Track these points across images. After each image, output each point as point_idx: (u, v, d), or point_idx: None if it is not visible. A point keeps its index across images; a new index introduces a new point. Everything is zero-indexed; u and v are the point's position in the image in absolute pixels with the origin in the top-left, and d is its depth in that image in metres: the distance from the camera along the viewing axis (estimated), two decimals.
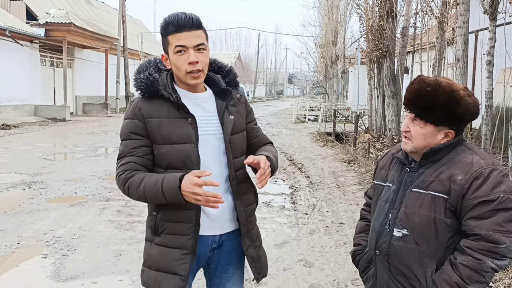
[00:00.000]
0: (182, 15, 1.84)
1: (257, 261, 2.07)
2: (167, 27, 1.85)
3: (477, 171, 1.68)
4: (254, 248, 2.06)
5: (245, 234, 2.02)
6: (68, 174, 8.28)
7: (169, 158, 1.88)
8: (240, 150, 2.01)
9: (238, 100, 2.01)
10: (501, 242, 1.62)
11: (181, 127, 1.87)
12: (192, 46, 1.83)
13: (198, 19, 1.87)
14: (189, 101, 1.92)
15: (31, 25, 20.56)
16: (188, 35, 1.83)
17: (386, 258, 1.84)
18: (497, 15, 6.82)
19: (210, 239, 1.98)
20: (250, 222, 2.05)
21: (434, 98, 1.72)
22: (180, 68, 1.86)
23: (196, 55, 1.84)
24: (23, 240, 4.82)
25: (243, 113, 2.06)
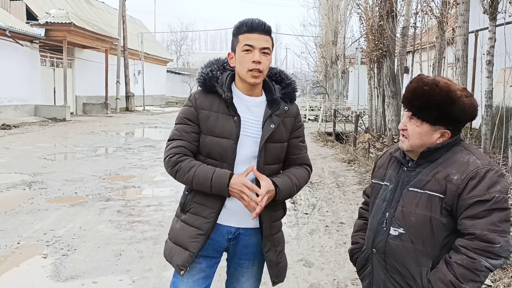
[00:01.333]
0: (256, 20, 2.02)
1: (276, 266, 2.16)
2: (240, 27, 2.03)
3: (473, 171, 1.69)
4: (274, 253, 2.15)
5: (267, 238, 2.11)
6: (68, 174, 8.28)
7: (209, 148, 2.05)
8: (274, 159, 2.11)
9: (284, 112, 2.09)
10: (495, 241, 1.63)
11: (226, 123, 2.03)
12: (259, 47, 1.99)
13: (269, 27, 2.04)
14: (240, 102, 2.08)
15: (31, 25, 20.56)
16: (258, 37, 2.00)
17: (382, 257, 1.86)
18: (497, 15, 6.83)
19: (225, 228, 2.10)
20: (273, 227, 2.14)
21: (431, 97, 1.73)
22: (244, 65, 2.01)
23: (260, 56, 1.99)
24: (23, 240, 4.83)
25: (289, 126, 2.14)
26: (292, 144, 2.17)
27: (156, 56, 37.55)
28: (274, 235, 2.14)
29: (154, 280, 3.91)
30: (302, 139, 2.23)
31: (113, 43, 26.06)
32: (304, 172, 2.19)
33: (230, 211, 2.07)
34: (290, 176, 2.12)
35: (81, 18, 23.98)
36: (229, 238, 2.11)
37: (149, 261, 4.26)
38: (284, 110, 2.09)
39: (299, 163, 2.21)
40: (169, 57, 44.25)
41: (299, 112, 2.22)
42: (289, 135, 2.15)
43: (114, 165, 9.37)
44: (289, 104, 2.13)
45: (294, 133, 2.17)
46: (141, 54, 31.13)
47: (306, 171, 2.22)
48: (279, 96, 2.11)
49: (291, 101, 2.15)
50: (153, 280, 3.91)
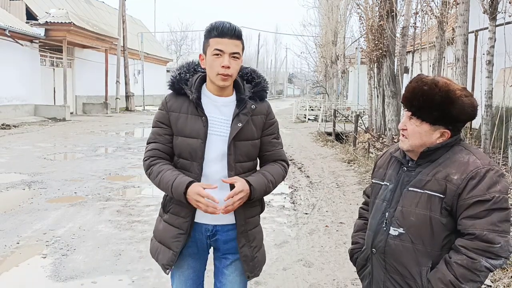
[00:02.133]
0: (227, 24, 2.06)
1: (251, 260, 2.21)
2: (211, 31, 2.07)
3: (473, 171, 1.69)
4: (249, 248, 2.20)
5: (241, 234, 2.17)
6: (68, 174, 8.28)
7: (180, 148, 2.13)
8: (246, 157, 2.15)
9: (252, 110, 2.14)
10: (495, 241, 1.63)
11: (195, 124, 2.11)
12: (228, 52, 2.04)
13: (240, 31, 2.09)
14: (210, 102, 2.15)
15: (31, 25, 20.55)
16: (228, 42, 2.04)
17: (382, 257, 1.85)
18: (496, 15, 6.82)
19: (203, 226, 2.18)
20: (249, 223, 2.19)
21: (430, 97, 1.73)
22: (214, 69, 2.07)
23: (229, 60, 2.05)
24: (23, 240, 4.83)
25: (259, 123, 2.18)
26: (265, 141, 2.22)
27: (156, 56, 37.54)
28: (249, 231, 2.20)
29: (154, 280, 3.90)
30: (276, 136, 2.27)
31: (113, 43, 26.05)
32: (279, 168, 2.23)
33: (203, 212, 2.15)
34: (265, 173, 2.16)
35: (81, 18, 23.98)
36: (208, 235, 2.19)
37: (149, 261, 4.25)
38: (251, 109, 2.14)
39: (274, 159, 2.26)
40: (169, 57, 44.23)
41: (271, 111, 2.25)
42: (261, 133, 2.20)
43: (114, 165, 9.37)
44: (258, 102, 2.18)
45: (266, 130, 2.22)
46: (141, 54, 31.11)
47: (282, 167, 2.25)
48: (248, 95, 2.16)
49: (260, 99, 2.20)
50: (152, 280, 3.91)
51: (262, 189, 2.10)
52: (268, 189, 2.14)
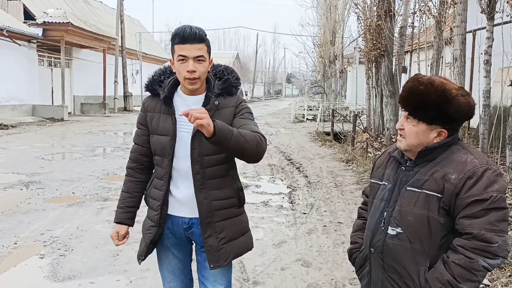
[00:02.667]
0: (188, 29, 2.12)
1: (215, 251, 2.23)
2: (174, 38, 2.14)
3: (471, 170, 1.68)
4: (216, 239, 2.23)
5: (206, 225, 2.22)
6: (66, 174, 8.27)
7: (154, 146, 2.27)
8: (214, 149, 2.14)
9: (215, 106, 2.19)
10: (493, 241, 1.63)
11: (165, 122, 2.23)
12: (192, 57, 2.11)
13: (201, 34, 2.13)
14: (182, 101, 2.24)
15: (29, 24, 20.52)
16: (190, 47, 2.10)
17: (380, 256, 1.85)
18: (494, 15, 6.83)
19: (180, 219, 2.28)
20: (216, 215, 2.23)
21: (426, 97, 1.73)
22: (180, 74, 2.16)
23: (194, 65, 2.11)
24: (20, 240, 4.82)
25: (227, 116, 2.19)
26: (235, 123, 2.19)
27: (154, 55, 37.50)
28: (216, 222, 2.22)
29: (152, 280, 3.90)
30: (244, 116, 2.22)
31: (111, 43, 26.02)
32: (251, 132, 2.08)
33: (180, 203, 2.25)
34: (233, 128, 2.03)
35: (79, 18, 23.94)
36: (184, 228, 2.28)
37: (147, 261, 4.20)
38: (214, 104, 2.19)
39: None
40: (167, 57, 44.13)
41: (242, 101, 2.28)
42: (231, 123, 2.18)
43: (112, 165, 9.35)
44: (226, 97, 2.23)
45: (237, 115, 2.23)
46: (139, 53, 31.09)
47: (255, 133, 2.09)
48: (217, 91, 2.22)
49: (229, 95, 2.25)
50: (150, 280, 3.90)
51: (227, 131, 1.92)
52: (235, 137, 1.95)
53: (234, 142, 1.95)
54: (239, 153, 2.06)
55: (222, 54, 66.01)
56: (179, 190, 2.25)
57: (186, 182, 2.22)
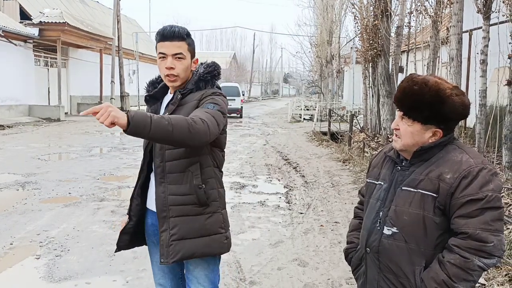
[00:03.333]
0: (168, 27, 2.19)
1: (166, 246, 2.20)
2: (156, 36, 2.22)
3: (466, 170, 1.68)
4: (168, 234, 2.20)
5: (162, 219, 2.22)
6: (62, 175, 8.25)
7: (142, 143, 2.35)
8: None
9: (178, 100, 2.22)
10: (488, 240, 1.63)
11: None
12: (170, 54, 2.17)
13: (181, 32, 2.18)
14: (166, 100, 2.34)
15: (25, 24, 20.46)
16: (169, 45, 2.17)
17: (376, 256, 1.85)
18: (490, 14, 6.85)
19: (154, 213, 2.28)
20: (171, 209, 2.20)
21: (420, 97, 1.73)
22: (161, 71, 2.24)
23: (173, 62, 2.17)
24: (16, 241, 4.80)
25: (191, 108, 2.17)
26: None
27: (151, 55, 37.33)
28: (171, 218, 2.20)
29: (148, 280, 3.88)
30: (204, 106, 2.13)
31: (108, 43, 25.97)
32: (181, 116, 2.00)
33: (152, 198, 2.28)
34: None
35: (75, 18, 23.88)
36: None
37: (143, 262, 4.24)
38: (177, 99, 2.22)
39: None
40: None
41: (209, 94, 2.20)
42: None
43: (108, 165, 9.33)
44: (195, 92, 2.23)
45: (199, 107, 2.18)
46: (136, 53, 30.99)
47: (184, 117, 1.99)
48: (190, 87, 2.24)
49: (197, 89, 2.25)
50: (146, 280, 3.89)
51: (144, 118, 1.83)
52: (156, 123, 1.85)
53: (155, 128, 1.84)
54: (167, 139, 1.93)
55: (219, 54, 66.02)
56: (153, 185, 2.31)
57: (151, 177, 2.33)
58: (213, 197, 2.26)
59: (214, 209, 2.26)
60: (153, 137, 1.92)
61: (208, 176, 2.25)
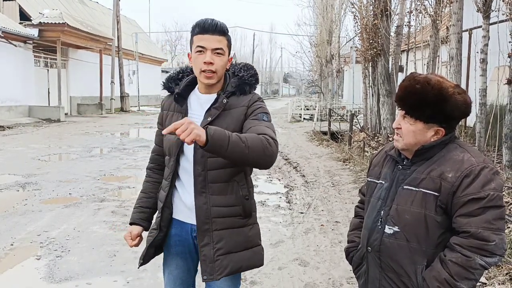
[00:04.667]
0: (209, 20, 2.04)
1: (211, 262, 2.05)
2: (194, 28, 2.06)
3: (468, 169, 1.68)
4: (212, 249, 2.05)
5: (203, 232, 2.06)
6: (62, 175, 8.24)
7: (165, 145, 2.19)
8: None
9: (223, 104, 2.07)
10: (490, 239, 1.62)
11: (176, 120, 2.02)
12: (210, 48, 2.01)
13: (223, 27, 2.05)
14: (196, 99, 2.16)
15: (25, 25, 20.45)
16: (209, 38, 2.02)
17: (377, 255, 1.85)
18: (490, 13, 6.84)
19: (189, 226, 2.15)
20: (214, 222, 2.05)
21: (423, 96, 1.72)
22: (197, 66, 2.05)
23: (212, 57, 2.01)
24: (17, 242, 4.80)
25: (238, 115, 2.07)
26: (247, 124, 2.05)
27: (151, 56, 37.45)
28: (214, 231, 2.05)
29: (149, 281, 3.89)
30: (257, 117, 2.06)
31: (107, 43, 25.97)
32: (256, 135, 1.92)
33: (190, 209, 2.10)
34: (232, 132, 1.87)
35: (75, 18, 23.88)
36: (194, 236, 2.13)
37: None
38: (223, 103, 2.06)
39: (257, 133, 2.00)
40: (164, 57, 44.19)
41: (256, 100, 2.12)
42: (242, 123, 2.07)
43: (108, 166, 9.33)
44: (239, 96, 2.11)
45: (250, 116, 2.07)
46: (136, 54, 31.02)
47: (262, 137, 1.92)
48: (231, 90, 2.11)
49: (242, 93, 2.12)
50: (147, 281, 3.89)
51: (223, 137, 1.78)
52: (233, 143, 1.79)
53: (231, 149, 1.79)
54: (241, 160, 1.88)
55: None
56: (189, 195, 2.09)
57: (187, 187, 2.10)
58: (254, 207, 2.21)
59: (254, 220, 2.20)
60: (228, 157, 1.84)
61: (250, 186, 2.21)
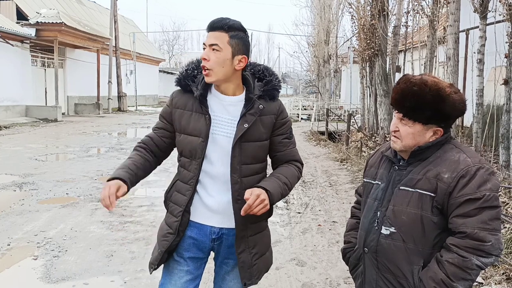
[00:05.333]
0: (218, 18, 2.00)
1: (249, 268, 2.11)
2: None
3: (464, 169, 1.69)
4: (249, 254, 2.10)
5: (240, 239, 2.08)
6: (59, 175, 8.23)
7: (182, 146, 2.08)
8: (253, 158, 2.06)
9: (259, 110, 2.04)
10: (486, 240, 1.63)
11: (197, 121, 2.04)
12: (208, 44, 1.98)
13: (227, 23, 1.97)
14: (218, 101, 2.07)
15: (22, 25, 20.38)
16: (209, 35, 1.99)
17: (374, 256, 1.85)
18: (487, 14, 6.86)
19: (209, 228, 2.10)
20: (250, 228, 2.09)
21: (421, 97, 1.72)
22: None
23: (208, 53, 1.97)
24: (14, 242, 4.78)
25: (268, 124, 2.08)
26: (276, 141, 2.12)
27: (148, 56, 37.41)
28: (250, 236, 2.10)
29: (146, 281, 3.88)
30: (288, 136, 2.16)
31: (105, 43, 25.91)
32: (293, 169, 2.15)
33: (211, 211, 2.08)
34: (279, 176, 2.07)
35: (72, 18, 23.83)
36: (213, 239, 2.11)
37: (141, 262, 4.24)
38: (259, 109, 2.03)
39: (287, 160, 2.17)
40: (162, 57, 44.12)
41: (283, 109, 2.14)
42: (271, 133, 2.10)
43: (106, 166, 9.32)
44: (268, 101, 2.08)
45: (277, 130, 2.12)
46: (133, 54, 30.99)
47: (296, 168, 2.17)
48: (258, 93, 2.06)
49: (271, 99, 2.10)
50: (144, 281, 3.88)
51: (279, 192, 2.00)
52: (284, 192, 2.04)
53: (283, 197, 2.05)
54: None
55: None
56: (211, 197, 2.06)
57: (221, 189, 2.05)
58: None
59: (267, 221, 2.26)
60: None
61: None
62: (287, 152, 2.16)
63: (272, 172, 2.16)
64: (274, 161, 2.20)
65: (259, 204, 1.90)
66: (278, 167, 2.18)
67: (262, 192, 1.92)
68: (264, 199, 1.91)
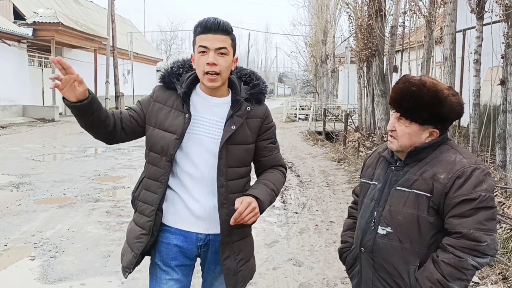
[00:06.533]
0: (212, 19, 1.93)
1: (234, 274, 2.07)
2: (196, 28, 1.96)
3: (460, 170, 1.70)
4: (234, 261, 2.06)
5: (225, 244, 2.03)
6: (56, 175, 8.21)
7: (153, 141, 2.02)
8: (239, 162, 2.02)
9: (247, 112, 2.02)
10: (482, 240, 1.64)
11: (175, 119, 1.99)
12: (213, 48, 1.91)
13: (226, 25, 1.94)
14: (202, 101, 2.03)
15: (19, 24, 20.35)
16: (212, 38, 1.91)
17: (370, 256, 1.86)
18: (483, 14, 6.88)
19: (195, 235, 2.04)
20: (235, 233, 2.04)
21: (419, 98, 1.73)
22: (200, 67, 1.95)
23: (215, 57, 1.91)
24: (11, 242, 4.78)
25: (254, 127, 2.06)
26: (261, 146, 2.10)
27: (146, 55, 37.35)
28: (234, 242, 2.05)
29: (143, 281, 3.88)
30: (273, 141, 2.15)
31: (102, 43, 25.87)
32: (279, 175, 2.15)
33: (196, 217, 2.02)
34: (267, 183, 2.06)
35: (69, 18, 23.78)
36: (199, 245, 2.06)
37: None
38: (246, 111, 2.01)
39: (272, 165, 2.16)
40: (159, 57, 44.04)
41: (269, 114, 2.13)
42: (256, 137, 2.08)
43: (103, 166, 9.31)
44: (254, 105, 2.06)
45: (263, 135, 2.09)
46: (131, 53, 30.92)
47: (281, 173, 2.17)
48: (244, 96, 2.04)
49: (257, 102, 2.08)
50: (142, 281, 3.88)
51: (268, 200, 1.99)
52: (272, 199, 2.03)
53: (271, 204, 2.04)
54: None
55: None
56: (197, 202, 2.00)
57: (206, 194, 2.00)
58: None
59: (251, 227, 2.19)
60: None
61: None
62: (272, 157, 2.15)
63: (258, 178, 2.14)
64: (259, 166, 2.16)
65: (250, 212, 1.87)
66: (263, 172, 2.15)
67: (252, 200, 1.89)
68: (255, 207, 1.88)
